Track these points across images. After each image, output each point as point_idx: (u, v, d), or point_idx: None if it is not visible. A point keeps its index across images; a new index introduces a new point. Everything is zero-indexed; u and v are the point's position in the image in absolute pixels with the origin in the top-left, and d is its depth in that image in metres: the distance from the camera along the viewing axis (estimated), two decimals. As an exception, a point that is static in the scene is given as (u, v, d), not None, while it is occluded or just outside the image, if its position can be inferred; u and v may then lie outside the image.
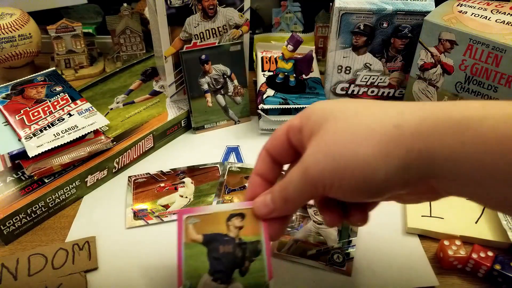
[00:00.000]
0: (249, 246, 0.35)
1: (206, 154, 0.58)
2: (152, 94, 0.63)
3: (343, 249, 0.44)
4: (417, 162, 0.26)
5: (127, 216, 0.48)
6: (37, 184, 0.48)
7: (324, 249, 0.44)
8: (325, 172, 0.28)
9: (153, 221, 0.48)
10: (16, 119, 0.51)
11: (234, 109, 0.63)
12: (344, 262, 0.43)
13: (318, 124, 0.30)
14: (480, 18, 0.50)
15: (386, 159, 0.26)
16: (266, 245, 0.35)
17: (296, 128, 0.32)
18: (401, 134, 0.26)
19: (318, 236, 0.46)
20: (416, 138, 0.26)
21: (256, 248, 0.35)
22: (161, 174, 0.54)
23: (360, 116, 0.29)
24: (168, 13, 0.54)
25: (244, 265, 0.35)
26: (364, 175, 0.27)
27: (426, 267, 0.43)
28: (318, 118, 0.30)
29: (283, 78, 0.61)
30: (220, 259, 0.35)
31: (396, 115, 0.27)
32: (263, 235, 0.36)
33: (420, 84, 0.56)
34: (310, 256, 0.44)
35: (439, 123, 0.25)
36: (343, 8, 0.55)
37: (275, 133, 0.35)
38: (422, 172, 0.26)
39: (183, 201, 0.50)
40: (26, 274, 0.42)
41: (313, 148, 0.30)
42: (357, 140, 0.27)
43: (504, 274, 0.40)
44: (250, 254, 0.35)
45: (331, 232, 0.46)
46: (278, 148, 0.35)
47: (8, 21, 0.66)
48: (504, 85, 0.47)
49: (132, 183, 0.53)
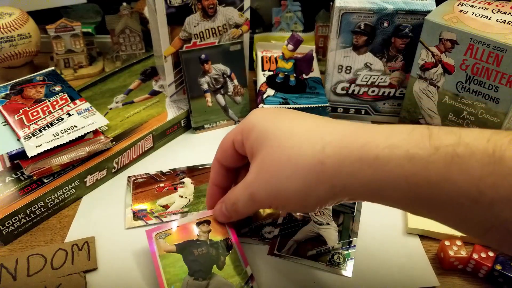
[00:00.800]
0: (220, 244, 0.41)
1: (206, 154, 0.57)
2: (152, 94, 0.63)
3: (344, 249, 0.44)
4: (341, 191, 0.31)
5: (127, 216, 0.48)
6: (36, 184, 0.48)
7: (325, 249, 0.44)
8: (269, 198, 0.35)
9: (152, 222, 0.47)
10: (15, 119, 0.51)
11: (234, 109, 0.63)
12: (345, 262, 0.43)
13: (257, 145, 0.35)
14: (481, 18, 0.50)
15: (315, 191, 0.32)
16: (235, 240, 0.42)
17: (239, 142, 0.38)
18: (325, 171, 0.31)
19: (318, 237, 0.46)
20: (337, 176, 0.31)
21: (227, 244, 0.41)
22: (160, 174, 0.54)
23: (291, 144, 0.33)
24: (167, 13, 0.54)
25: (220, 260, 0.40)
26: (299, 201, 0.33)
27: (427, 268, 0.43)
28: (256, 137, 0.35)
29: (283, 77, 0.61)
30: (197, 260, 0.40)
31: (321, 149, 0.31)
32: (230, 233, 0.42)
33: (420, 84, 0.56)
34: (310, 256, 0.44)
35: (356, 166, 0.30)
36: (344, 7, 0.55)
37: (223, 145, 0.40)
38: (347, 195, 0.32)
39: (183, 201, 0.50)
40: (25, 275, 0.41)
41: (256, 175, 0.35)
42: (289, 175, 0.32)
43: (505, 274, 0.40)
44: (223, 250, 0.41)
45: (331, 233, 0.46)
46: (227, 158, 0.40)
47: (7, 21, 0.66)
48: (505, 84, 0.47)
49: (132, 183, 0.53)
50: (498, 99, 0.49)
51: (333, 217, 0.48)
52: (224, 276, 0.39)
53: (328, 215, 0.48)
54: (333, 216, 0.48)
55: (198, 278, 0.39)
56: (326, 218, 0.47)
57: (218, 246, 0.41)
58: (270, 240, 0.45)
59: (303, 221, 0.47)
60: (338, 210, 0.48)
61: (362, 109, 0.64)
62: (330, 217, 0.47)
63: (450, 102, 0.53)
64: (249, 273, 0.40)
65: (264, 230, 0.46)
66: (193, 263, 0.39)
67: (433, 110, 0.56)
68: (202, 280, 0.39)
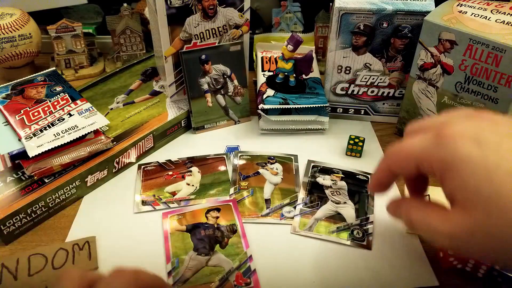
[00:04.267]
0: (226, 227, 0.46)
1: (206, 154, 0.58)
2: (152, 94, 0.64)
3: (362, 225, 0.47)
4: None
5: (136, 201, 0.50)
6: (37, 184, 0.48)
7: (344, 226, 0.47)
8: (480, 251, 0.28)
9: (160, 207, 0.50)
10: (16, 119, 0.51)
11: (234, 109, 0.63)
12: (364, 237, 0.46)
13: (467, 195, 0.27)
14: (480, 18, 0.50)
15: None
16: (240, 226, 0.46)
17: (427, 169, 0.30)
18: None
19: (337, 214, 0.49)
20: None
21: (233, 228, 0.46)
22: (169, 163, 0.56)
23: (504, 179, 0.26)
24: (168, 13, 0.54)
25: (224, 241, 0.45)
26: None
27: (426, 267, 0.43)
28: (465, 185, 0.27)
29: (283, 78, 0.61)
30: (202, 239, 0.45)
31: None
32: (237, 219, 0.47)
33: (420, 84, 0.56)
34: (331, 232, 0.47)
35: None
36: (343, 8, 0.55)
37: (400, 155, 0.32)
38: None
39: (190, 189, 0.52)
40: (26, 274, 0.42)
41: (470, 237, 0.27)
42: None
43: (504, 274, 0.40)
44: (228, 233, 0.46)
45: (349, 211, 0.49)
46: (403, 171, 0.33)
47: (8, 21, 0.66)
48: (504, 85, 0.47)
49: (142, 171, 0.55)
50: (497, 99, 0.49)
51: (349, 196, 0.51)
52: (225, 254, 0.44)
53: (344, 194, 0.51)
54: (349, 195, 0.51)
55: (201, 253, 0.44)
56: (342, 198, 0.51)
57: (223, 230, 0.46)
58: (291, 219, 0.48)
59: (321, 200, 0.50)
60: (353, 190, 0.52)
61: (361, 109, 0.64)
62: (346, 196, 0.51)
63: (449, 102, 0.54)
64: (249, 254, 0.44)
65: (284, 210, 0.49)
66: (199, 241, 0.45)
67: (432, 110, 0.56)
68: (204, 256, 0.43)
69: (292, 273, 0.43)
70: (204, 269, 0.42)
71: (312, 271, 0.43)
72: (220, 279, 0.41)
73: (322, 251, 0.45)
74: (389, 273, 0.42)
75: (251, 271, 0.42)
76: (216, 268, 0.42)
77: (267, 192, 0.52)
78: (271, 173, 0.54)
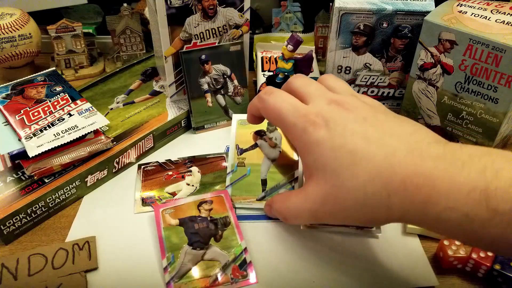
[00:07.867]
0: (220, 220, 0.46)
1: (206, 154, 0.58)
2: (152, 94, 0.64)
3: None
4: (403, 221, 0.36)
5: (136, 202, 0.50)
6: (37, 184, 0.48)
7: None
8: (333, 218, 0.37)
9: None
10: (16, 119, 0.51)
11: (234, 109, 0.63)
12: None
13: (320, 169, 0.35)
14: (480, 18, 0.50)
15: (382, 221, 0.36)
16: (233, 218, 0.46)
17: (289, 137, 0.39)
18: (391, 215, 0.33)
19: None
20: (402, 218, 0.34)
21: (226, 220, 0.46)
22: (169, 162, 0.56)
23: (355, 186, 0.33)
24: (168, 13, 0.54)
25: (218, 234, 0.45)
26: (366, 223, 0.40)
27: (426, 267, 0.43)
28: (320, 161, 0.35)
29: (283, 78, 0.61)
30: (197, 233, 0.45)
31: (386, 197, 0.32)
32: (230, 212, 0.47)
33: (420, 84, 0.56)
34: None
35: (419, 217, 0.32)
36: (343, 8, 0.55)
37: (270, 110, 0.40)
38: None
39: (190, 189, 0.52)
40: (26, 274, 0.42)
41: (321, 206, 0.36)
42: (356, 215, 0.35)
43: (504, 274, 0.40)
44: (222, 225, 0.45)
45: None
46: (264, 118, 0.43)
47: (8, 21, 0.66)
48: (504, 85, 0.47)
49: (142, 171, 0.54)
50: (497, 99, 0.49)
51: None
52: (220, 248, 0.43)
53: None
54: None
55: (196, 248, 0.43)
56: None
57: (217, 222, 0.46)
58: None
59: None
60: None
61: (361, 109, 0.64)
62: None
63: (449, 102, 0.54)
64: (244, 246, 0.44)
65: (280, 192, 0.48)
66: (193, 235, 0.44)
67: (432, 110, 0.56)
68: (199, 250, 0.43)
69: (288, 264, 0.43)
70: (200, 263, 0.42)
71: (309, 264, 0.43)
72: (217, 273, 0.41)
73: (320, 242, 0.45)
74: (389, 273, 0.42)
75: (246, 263, 0.42)
76: (212, 262, 0.42)
77: (263, 170, 0.50)
78: (269, 144, 0.52)
